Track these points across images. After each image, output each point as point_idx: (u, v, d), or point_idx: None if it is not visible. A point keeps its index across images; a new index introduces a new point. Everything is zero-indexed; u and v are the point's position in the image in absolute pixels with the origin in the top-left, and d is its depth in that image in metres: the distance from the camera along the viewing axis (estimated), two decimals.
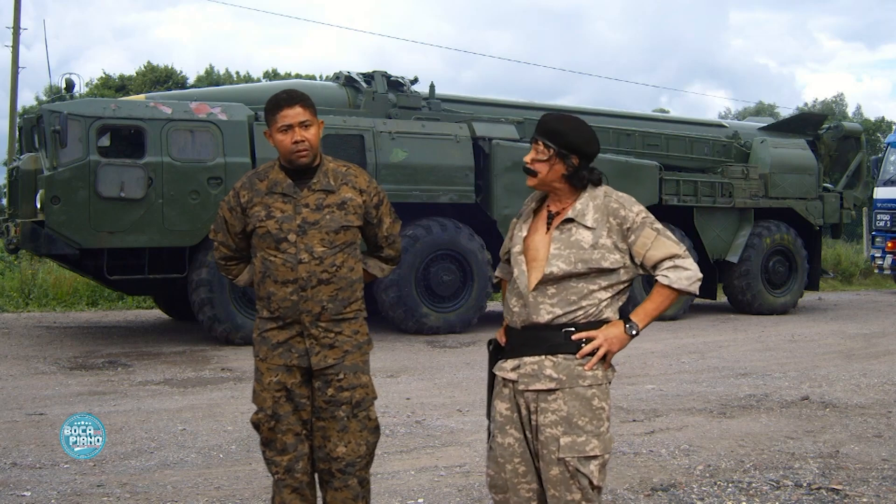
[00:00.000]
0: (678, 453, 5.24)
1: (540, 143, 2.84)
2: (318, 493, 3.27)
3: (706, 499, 4.39)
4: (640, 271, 2.86)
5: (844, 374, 8.17)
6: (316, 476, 3.24)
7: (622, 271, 2.82)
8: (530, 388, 2.79)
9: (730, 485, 4.61)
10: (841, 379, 7.88)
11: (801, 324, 12.51)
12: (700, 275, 2.85)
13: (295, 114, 3.09)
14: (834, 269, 19.94)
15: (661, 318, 12.20)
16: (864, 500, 4.38)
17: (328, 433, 3.12)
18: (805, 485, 4.60)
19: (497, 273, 3.18)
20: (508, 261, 3.05)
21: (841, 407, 6.63)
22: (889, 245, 17.54)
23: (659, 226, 2.84)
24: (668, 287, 2.81)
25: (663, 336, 10.90)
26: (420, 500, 4.37)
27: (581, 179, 2.83)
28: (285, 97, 3.13)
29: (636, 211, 2.83)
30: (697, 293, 2.89)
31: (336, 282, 3.12)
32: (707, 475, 4.78)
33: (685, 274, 2.81)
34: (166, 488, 4.54)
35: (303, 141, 3.09)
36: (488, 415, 2.96)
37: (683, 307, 12.93)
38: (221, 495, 4.44)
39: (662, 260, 2.80)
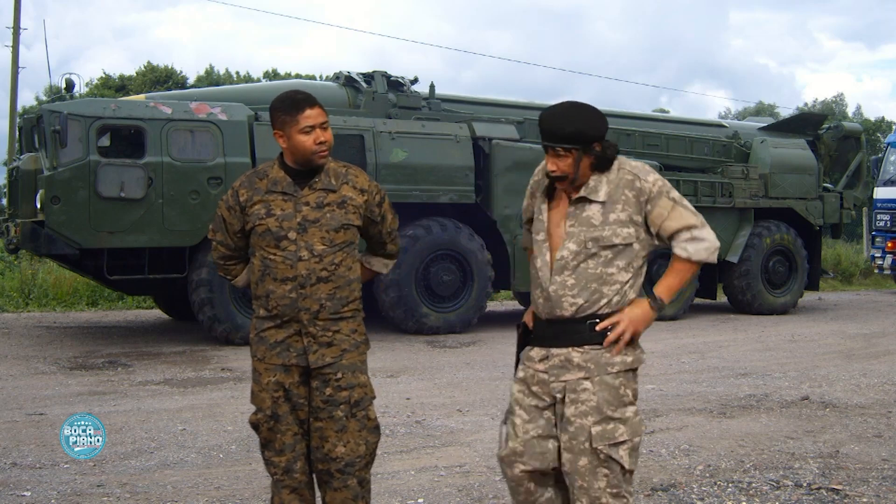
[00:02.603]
0: (678, 453, 5.24)
1: (559, 149, 2.75)
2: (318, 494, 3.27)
3: (706, 499, 4.39)
4: (657, 242, 2.82)
5: (844, 374, 8.17)
6: (314, 476, 3.24)
7: (636, 245, 2.78)
8: (560, 379, 2.79)
9: (730, 485, 4.61)
10: (841, 379, 7.88)
11: (801, 324, 12.51)
12: (717, 243, 2.82)
13: (316, 114, 3.11)
14: (834, 269, 19.93)
15: (661, 317, 12.30)
16: (864, 500, 4.38)
17: (326, 433, 3.11)
18: (805, 485, 4.60)
19: (523, 242, 3.15)
20: (531, 229, 3.02)
21: (841, 407, 6.63)
22: (889, 245, 17.53)
23: (676, 195, 2.81)
24: (688, 260, 2.78)
25: (663, 336, 10.89)
26: (420, 500, 4.37)
27: (609, 160, 2.81)
28: (304, 97, 3.12)
29: (652, 180, 2.80)
30: (716, 262, 2.88)
31: (335, 280, 3.12)
32: (707, 475, 4.78)
33: (703, 245, 2.78)
34: (166, 488, 4.54)
35: (325, 142, 3.12)
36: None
37: (683, 307, 12.93)
38: (221, 495, 4.44)
39: (679, 231, 2.78)
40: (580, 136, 2.75)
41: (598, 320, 2.77)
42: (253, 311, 3.24)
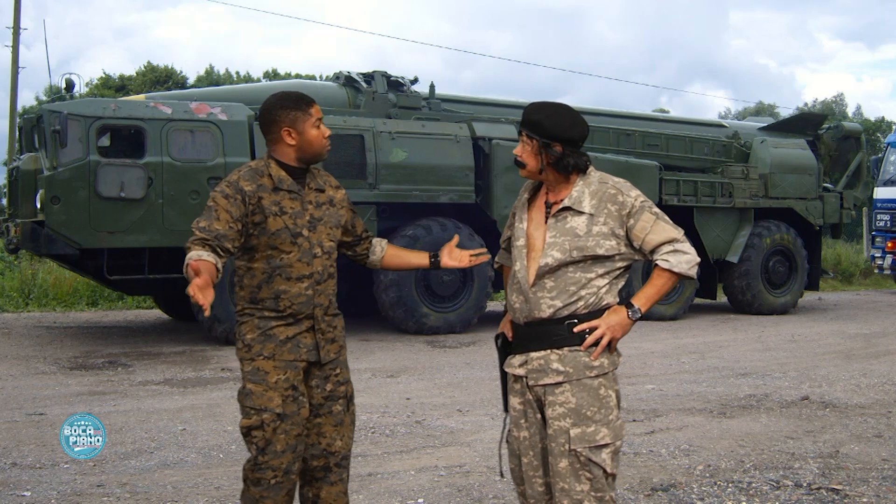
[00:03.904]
0: (678, 453, 5.24)
1: (524, 134, 2.88)
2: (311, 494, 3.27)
3: (706, 499, 4.39)
4: (638, 256, 2.87)
5: (844, 374, 8.17)
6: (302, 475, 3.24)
7: (618, 258, 2.84)
8: (539, 382, 2.81)
9: (730, 485, 4.61)
10: (841, 379, 7.88)
11: (801, 324, 12.51)
12: (698, 259, 2.88)
13: (319, 109, 3.18)
14: (834, 269, 19.93)
15: (661, 317, 12.33)
16: (864, 500, 4.38)
17: (324, 429, 3.15)
18: (805, 485, 4.60)
19: (497, 259, 3.24)
20: (507, 249, 3.10)
21: (841, 407, 6.63)
22: (889, 245, 17.53)
23: (657, 210, 2.87)
24: (669, 271, 2.82)
25: (663, 336, 10.90)
26: (420, 500, 4.37)
27: (566, 167, 2.84)
28: (304, 94, 3.19)
29: (634, 196, 2.85)
30: (695, 277, 2.90)
31: (334, 276, 3.20)
32: (707, 475, 4.78)
33: (685, 258, 2.82)
34: (166, 488, 4.54)
35: (329, 135, 3.18)
36: (505, 408, 3.00)
37: (683, 307, 12.93)
38: (221, 495, 4.44)
39: (662, 244, 2.82)
40: (539, 127, 2.83)
41: (576, 321, 2.80)
42: (247, 314, 3.12)
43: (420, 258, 3.44)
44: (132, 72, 38.92)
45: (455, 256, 3.40)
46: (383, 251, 3.40)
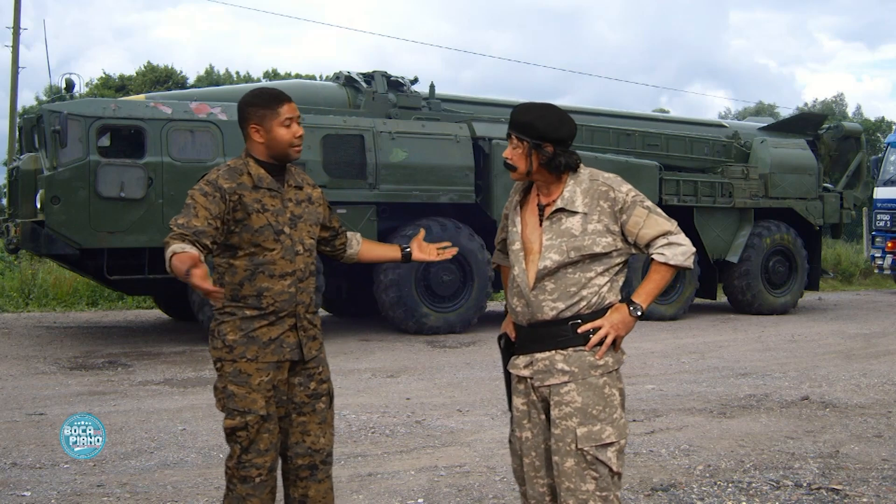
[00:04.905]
0: (678, 453, 5.24)
1: (513, 136, 2.87)
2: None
3: (706, 499, 4.39)
4: (634, 251, 2.87)
5: (844, 374, 8.17)
6: (284, 475, 3.25)
7: (615, 254, 2.84)
8: (545, 383, 2.82)
9: (730, 485, 4.61)
10: (841, 379, 7.88)
11: (801, 324, 12.51)
12: (693, 249, 2.87)
13: (293, 108, 3.15)
14: (834, 269, 19.93)
15: (661, 317, 12.33)
16: (864, 500, 4.38)
17: (309, 427, 3.16)
18: (805, 485, 4.60)
19: (494, 259, 3.25)
20: (503, 249, 3.11)
21: (841, 407, 6.63)
22: (889, 245, 17.53)
23: (650, 203, 2.86)
24: (665, 264, 2.82)
25: (663, 336, 10.90)
26: (420, 500, 4.37)
27: (558, 167, 2.84)
28: (280, 92, 3.18)
29: (625, 191, 2.84)
30: (692, 267, 2.90)
31: (314, 274, 3.22)
32: (707, 475, 4.78)
33: (680, 250, 2.82)
34: (166, 488, 4.54)
35: (301, 136, 3.16)
36: (510, 408, 3.00)
37: (683, 307, 12.93)
38: (221, 495, 4.43)
39: (656, 238, 2.82)
40: (530, 128, 2.82)
41: (579, 321, 2.80)
42: (227, 312, 3.08)
43: (393, 251, 3.52)
44: (132, 72, 38.97)
45: (424, 250, 3.47)
46: (359, 244, 3.46)
